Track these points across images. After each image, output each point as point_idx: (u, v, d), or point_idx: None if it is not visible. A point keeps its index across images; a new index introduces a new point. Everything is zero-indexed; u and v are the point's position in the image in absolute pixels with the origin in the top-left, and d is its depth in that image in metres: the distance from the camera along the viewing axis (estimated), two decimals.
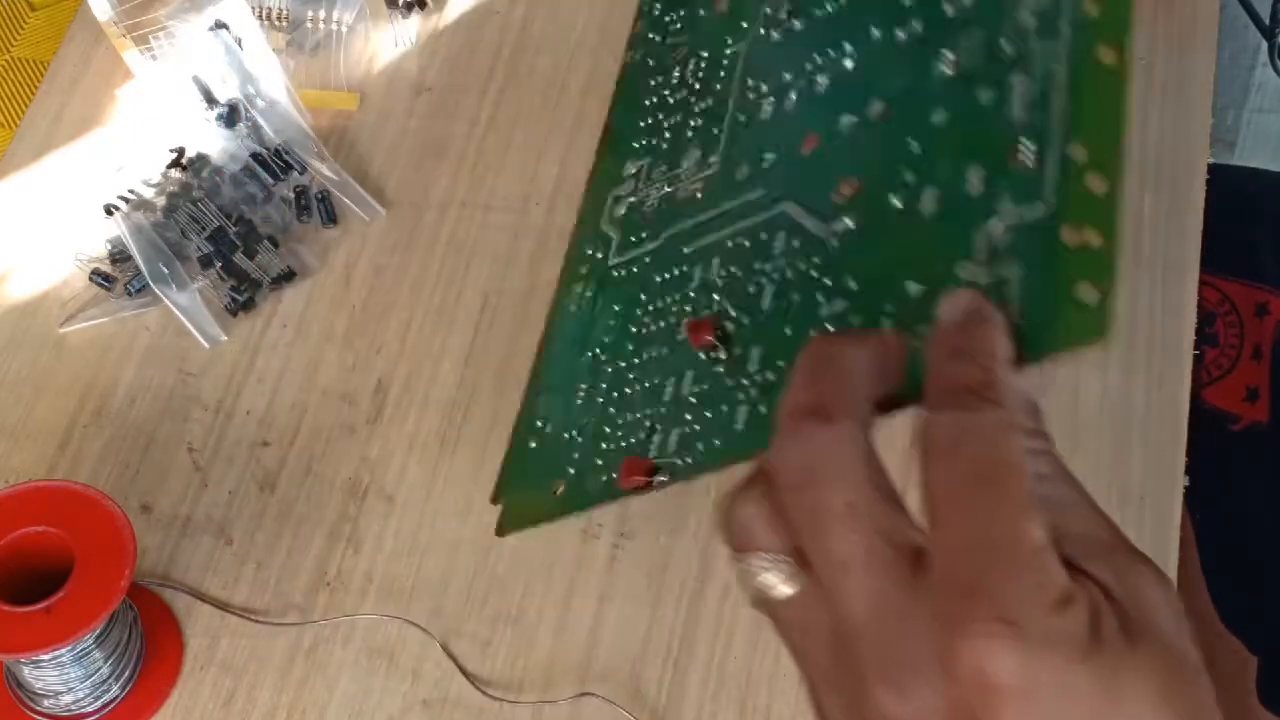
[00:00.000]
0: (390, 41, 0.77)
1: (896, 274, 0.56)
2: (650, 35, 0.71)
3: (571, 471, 0.59)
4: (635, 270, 0.63)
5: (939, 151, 0.58)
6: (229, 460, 0.66)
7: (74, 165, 0.74)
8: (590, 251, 0.65)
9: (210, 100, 0.73)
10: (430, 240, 0.71)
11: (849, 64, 0.63)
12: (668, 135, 0.66)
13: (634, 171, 0.66)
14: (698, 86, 0.67)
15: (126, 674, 0.60)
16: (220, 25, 0.74)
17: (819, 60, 0.65)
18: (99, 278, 0.70)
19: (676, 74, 0.68)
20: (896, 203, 0.57)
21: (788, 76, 0.65)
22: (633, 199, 0.65)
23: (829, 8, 0.66)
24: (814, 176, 0.61)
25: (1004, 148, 0.56)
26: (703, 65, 0.68)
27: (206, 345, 0.69)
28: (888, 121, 0.61)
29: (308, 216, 0.71)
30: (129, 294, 0.70)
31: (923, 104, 0.61)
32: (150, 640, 0.61)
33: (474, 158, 0.73)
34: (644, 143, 0.67)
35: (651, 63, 0.69)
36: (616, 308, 0.63)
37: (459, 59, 0.77)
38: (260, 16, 0.75)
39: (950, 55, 0.61)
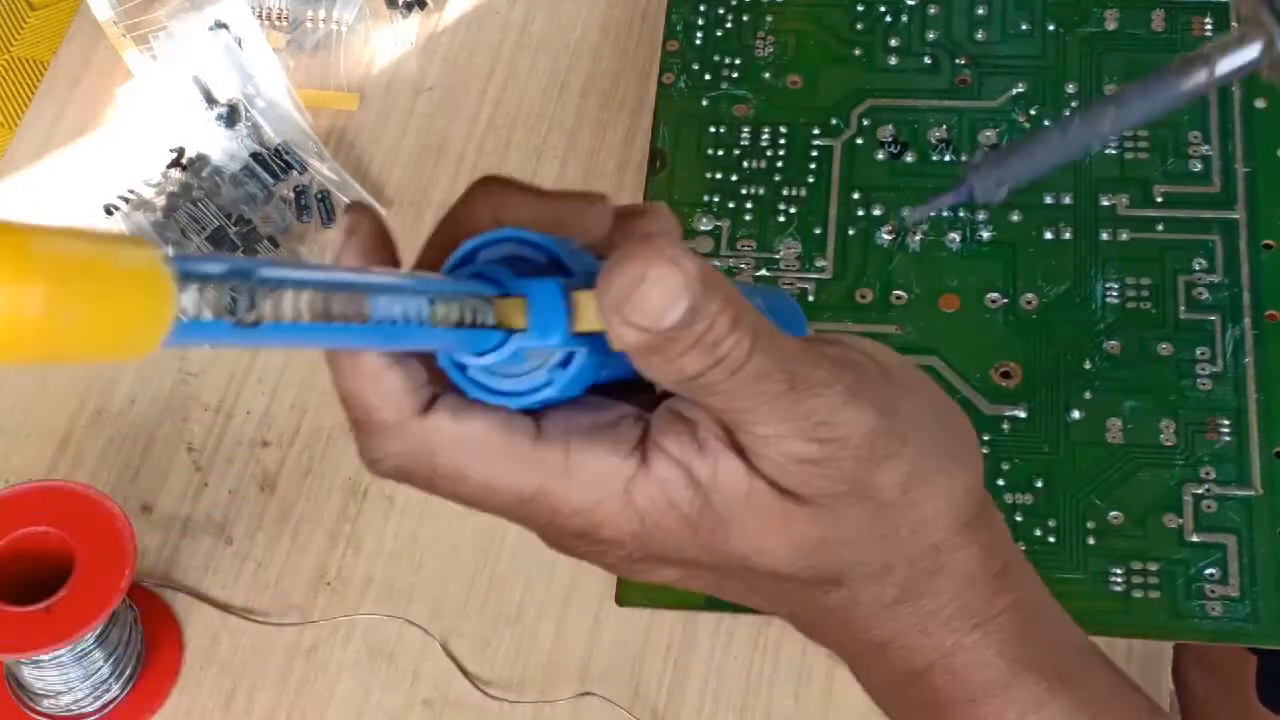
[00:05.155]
0: (390, 41, 0.77)
1: (1085, 490, 0.59)
2: (694, 65, 0.70)
3: None
4: None
5: (1114, 378, 0.60)
6: (229, 460, 0.66)
7: (74, 165, 0.74)
8: None
9: (210, 100, 0.73)
10: None
11: (985, 235, 0.64)
12: (749, 206, 0.66)
13: (709, 229, 0.66)
14: (780, 164, 0.67)
15: (126, 674, 0.60)
16: (220, 25, 0.74)
17: (947, 214, 0.65)
18: None
19: (746, 136, 0.68)
20: (1076, 414, 0.59)
21: (906, 212, 0.65)
22: (716, 263, 0.65)
23: (947, 156, 0.66)
24: (963, 342, 0.62)
25: (1202, 417, 0.58)
26: (781, 141, 0.68)
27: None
28: (1041, 317, 0.61)
29: (308, 216, 0.72)
30: None
31: (1084, 320, 0.62)
32: (150, 640, 0.61)
33: (474, 158, 0.73)
34: (714, 199, 0.67)
35: (705, 103, 0.69)
36: None
37: (459, 59, 0.77)
38: (260, 16, 0.75)
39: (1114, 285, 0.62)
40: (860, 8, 0.72)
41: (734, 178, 0.68)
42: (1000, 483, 0.60)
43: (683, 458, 0.32)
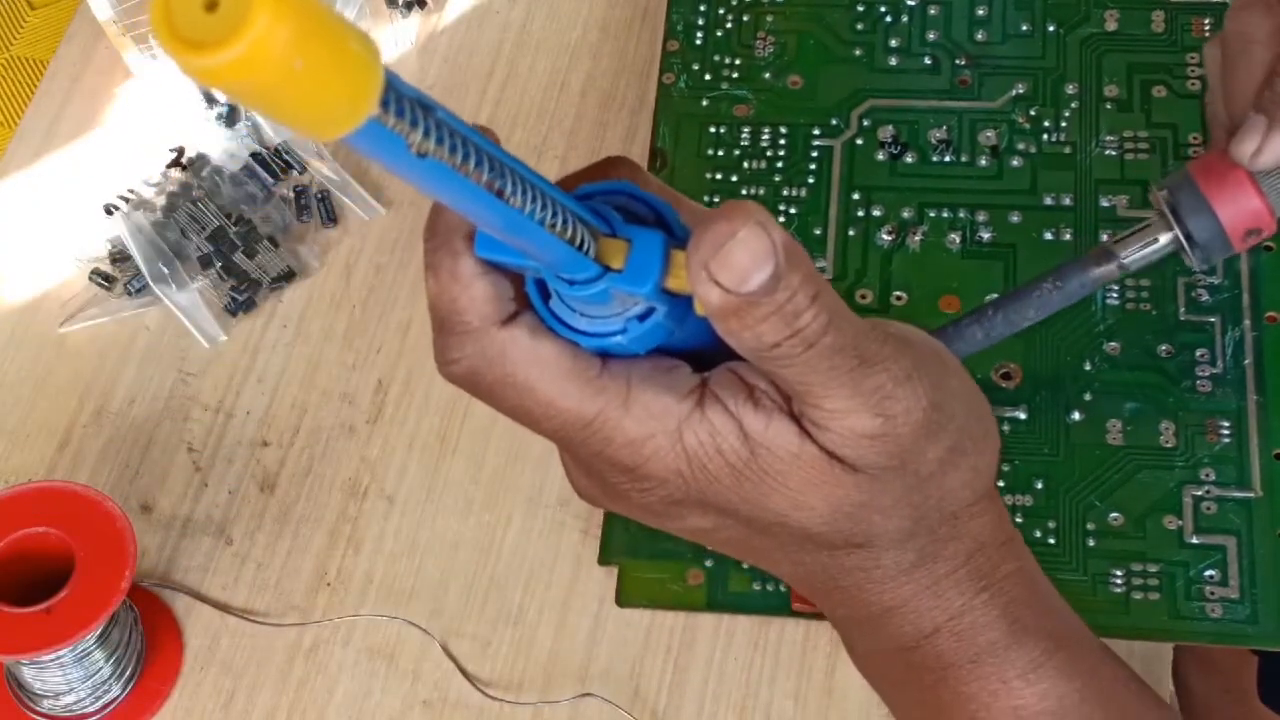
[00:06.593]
0: (390, 41, 0.77)
1: (1085, 491, 0.59)
2: (694, 66, 0.70)
3: (708, 564, 0.59)
4: None
5: (1114, 380, 0.60)
6: (229, 460, 0.66)
7: (74, 165, 0.74)
8: None
9: (210, 100, 0.73)
10: None
11: (985, 236, 0.64)
12: None
13: None
14: (780, 165, 0.67)
15: (127, 674, 0.60)
16: None
17: (947, 215, 0.65)
18: (99, 278, 0.70)
19: (746, 136, 0.68)
20: (1076, 416, 0.59)
21: (907, 213, 0.65)
22: None
23: (947, 157, 0.66)
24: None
25: (1201, 419, 0.58)
26: (781, 141, 0.68)
27: (206, 345, 0.69)
28: (1045, 324, 0.62)
29: (308, 216, 0.72)
30: (129, 294, 0.70)
31: (1084, 322, 0.62)
32: (150, 640, 0.61)
33: None
34: (714, 199, 0.68)
35: (705, 103, 0.69)
36: None
37: (459, 59, 0.77)
38: None
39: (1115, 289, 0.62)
40: (860, 8, 0.72)
41: (734, 178, 0.68)
42: (1000, 483, 0.60)
43: (737, 410, 0.33)
